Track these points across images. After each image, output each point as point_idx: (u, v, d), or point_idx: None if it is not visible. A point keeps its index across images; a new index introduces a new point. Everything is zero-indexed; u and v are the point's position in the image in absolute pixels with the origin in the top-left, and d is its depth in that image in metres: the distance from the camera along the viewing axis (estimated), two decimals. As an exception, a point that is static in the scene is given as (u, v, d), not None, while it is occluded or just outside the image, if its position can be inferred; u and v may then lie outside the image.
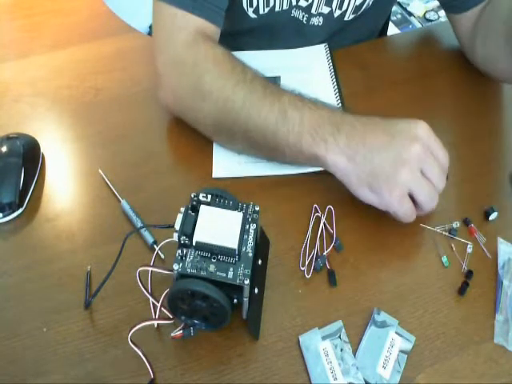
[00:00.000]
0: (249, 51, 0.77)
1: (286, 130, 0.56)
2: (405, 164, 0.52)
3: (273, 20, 0.77)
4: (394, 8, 1.92)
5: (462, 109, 0.71)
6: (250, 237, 0.48)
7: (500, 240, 0.57)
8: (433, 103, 0.71)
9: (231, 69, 0.60)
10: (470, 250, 0.56)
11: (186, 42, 0.62)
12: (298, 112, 0.56)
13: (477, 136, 0.68)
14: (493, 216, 0.58)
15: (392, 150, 0.53)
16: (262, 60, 0.76)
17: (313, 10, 0.75)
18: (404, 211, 0.54)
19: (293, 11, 0.76)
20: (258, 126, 0.57)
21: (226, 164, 0.63)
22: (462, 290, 0.53)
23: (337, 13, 0.76)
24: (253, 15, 0.76)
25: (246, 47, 0.76)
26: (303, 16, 0.76)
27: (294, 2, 0.74)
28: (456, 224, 0.57)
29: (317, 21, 0.77)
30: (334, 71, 0.73)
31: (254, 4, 0.74)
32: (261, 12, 0.76)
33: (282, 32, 0.79)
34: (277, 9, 0.75)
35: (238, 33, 0.81)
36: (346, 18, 0.77)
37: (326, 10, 0.75)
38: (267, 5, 0.74)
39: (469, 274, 0.54)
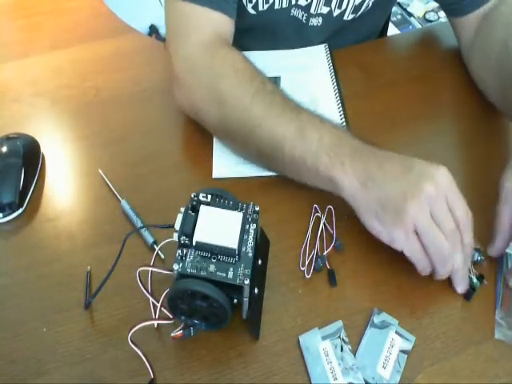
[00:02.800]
0: (249, 51, 0.77)
1: (303, 149, 0.55)
2: (414, 198, 0.49)
3: (272, 18, 0.77)
4: (394, 9, 1.92)
5: (462, 109, 0.71)
6: (250, 237, 0.48)
7: None
8: (433, 103, 0.71)
9: (250, 78, 0.59)
10: (478, 257, 0.55)
11: (203, 43, 0.61)
12: (316, 132, 0.55)
13: (477, 137, 0.68)
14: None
15: (405, 182, 0.50)
16: (263, 60, 0.76)
17: (312, 10, 0.75)
18: (410, 249, 0.50)
19: (292, 10, 0.76)
20: (274, 141, 0.56)
21: (226, 164, 0.63)
22: (469, 295, 0.53)
23: (336, 12, 0.76)
24: (252, 11, 0.76)
25: (247, 47, 0.76)
26: (303, 15, 0.76)
27: (293, 1, 0.74)
28: (478, 255, 0.55)
29: (316, 21, 0.77)
30: (334, 71, 0.73)
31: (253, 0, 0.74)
32: (260, 8, 0.76)
33: (282, 32, 0.79)
34: (276, 6, 0.75)
35: (239, 31, 0.81)
36: (345, 18, 0.78)
37: (325, 9, 0.76)
38: (266, 1, 0.74)
39: (480, 278, 0.54)
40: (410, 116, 0.69)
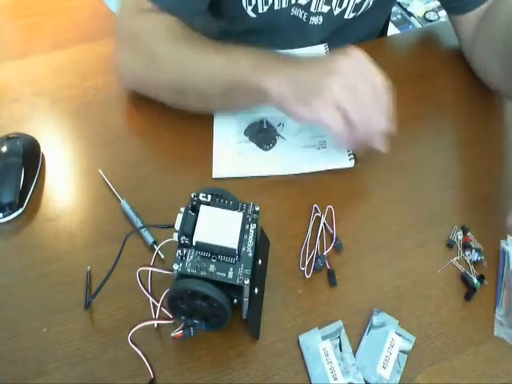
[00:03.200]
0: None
1: (231, 72, 0.60)
2: (332, 74, 0.54)
3: (273, 19, 0.77)
4: (394, 8, 1.92)
5: (462, 109, 0.71)
6: (250, 237, 0.48)
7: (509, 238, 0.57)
8: (433, 103, 0.71)
9: (179, 31, 0.64)
10: (478, 258, 0.55)
11: (132, 12, 0.66)
12: (239, 51, 0.60)
13: (477, 136, 0.68)
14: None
15: (324, 65, 0.56)
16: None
17: (312, 8, 0.75)
18: (333, 120, 0.54)
19: (292, 10, 0.76)
20: (208, 78, 0.61)
21: (226, 164, 0.63)
22: (469, 295, 0.53)
23: (337, 11, 0.76)
24: (252, 14, 0.76)
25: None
26: (303, 14, 0.76)
27: (293, 1, 0.74)
28: (479, 255, 0.56)
29: (316, 20, 0.77)
30: (334, 71, 0.73)
31: (253, 2, 0.74)
32: (260, 11, 0.76)
33: (283, 32, 0.79)
34: (276, 7, 0.75)
35: (240, 34, 0.81)
36: (346, 16, 0.78)
37: (325, 8, 0.76)
38: (266, 3, 0.74)
39: (480, 278, 0.54)
40: (410, 116, 0.69)
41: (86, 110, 0.70)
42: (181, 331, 0.49)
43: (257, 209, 0.50)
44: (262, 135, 0.66)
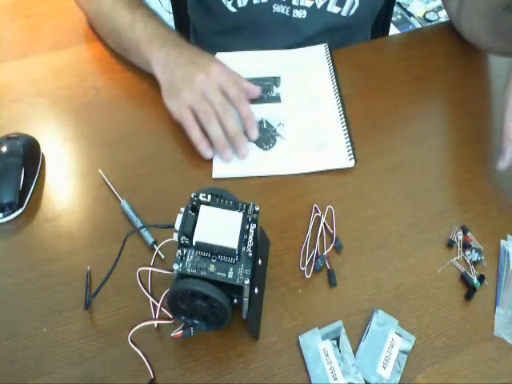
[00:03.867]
0: (249, 51, 0.77)
1: (132, 36, 0.69)
2: (188, 84, 0.63)
3: (254, 14, 0.79)
4: (395, 8, 1.92)
5: (462, 109, 0.71)
6: (250, 237, 0.48)
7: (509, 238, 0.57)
8: (432, 103, 0.71)
9: None
10: (478, 258, 0.55)
11: None
12: (143, 24, 0.69)
13: (477, 136, 0.68)
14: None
15: (187, 71, 0.64)
16: (263, 60, 0.76)
17: (294, 2, 0.77)
18: (185, 118, 0.63)
19: (274, 6, 0.78)
20: (116, 29, 0.71)
21: (226, 164, 0.63)
22: (469, 295, 0.53)
23: (319, 3, 0.78)
24: (232, 8, 0.78)
25: (235, 47, 0.76)
26: (285, 9, 0.78)
27: None
28: (479, 255, 0.56)
29: (300, 14, 0.79)
30: (334, 71, 0.73)
31: None
32: (239, 5, 0.78)
33: (267, 29, 0.81)
34: (255, 1, 0.77)
35: (225, 32, 0.83)
36: (329, 9, 0.78)
37: (309, 3, 0.77)
38: None
39: (480, 278, 0.54)
40: (410, 116, 0.69)
41: (86, 110, 0.70)
42: (181, 331, 0.49)
43: (257, 209, 0.50)
44: (262, 135, 0.66)
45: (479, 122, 0.70)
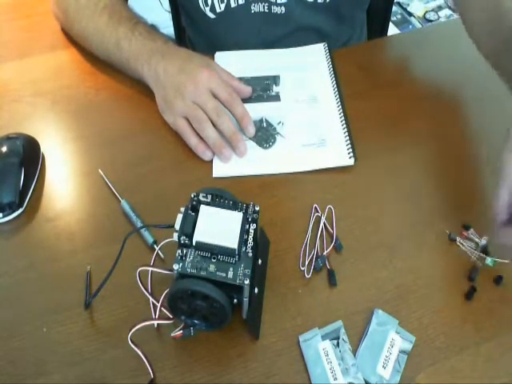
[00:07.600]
0: (248, 51, 0.77)
1: (120, 57, 0.70)
2: (179, 95, 0.64)
3: (234, 18, 0.79)
4: (394, 8, 1.92)
5: (461, 109, 0.71)
6: (250, 237, 0.48)
7: None
8: (432, 103, 0.71)
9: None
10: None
11: None
12: (127, 42, 0.69)
13: (477, 136, 0.68)
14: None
15: (177, 81, 0.64)
16: (262, 59, 0.76)
17: None
18: (180, 127, 0.64)
19: (252, 7, 0.78)
20: (105, 53, 0.72)
21: (226, 164, 0.63)
22: (469, 295, 0.53)
23: None
24: (211, 15, 0.79)
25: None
26: (264, 6, 0.78)
27: None
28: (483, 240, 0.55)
29: (279, 10, 0.78)
30: (334, 71, 0.73)
31: (209, 2, 0.77)
32: (218, 10, 0.78)
33: (249, 31, 0.81)
34: (232, 4, 0.77)
35: (207, 42, 0.85)
36: None
37: None
38: (222, 1, 0.77)
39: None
40: (410, 116, 0.69)
41: (86, 110, 0.70)
42: (181, 331, 0.49)
43: (257, 209, 0.50)
44: (262, 133, 0.66)
45: (479, 122, 0.70)
